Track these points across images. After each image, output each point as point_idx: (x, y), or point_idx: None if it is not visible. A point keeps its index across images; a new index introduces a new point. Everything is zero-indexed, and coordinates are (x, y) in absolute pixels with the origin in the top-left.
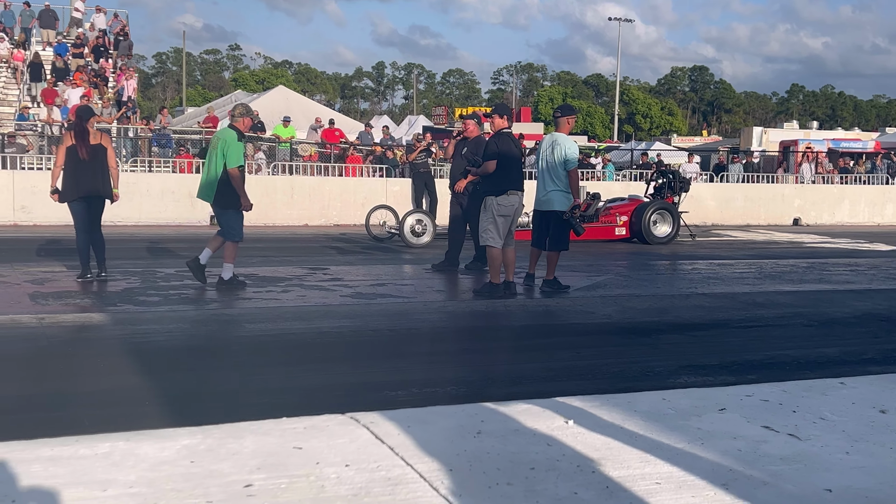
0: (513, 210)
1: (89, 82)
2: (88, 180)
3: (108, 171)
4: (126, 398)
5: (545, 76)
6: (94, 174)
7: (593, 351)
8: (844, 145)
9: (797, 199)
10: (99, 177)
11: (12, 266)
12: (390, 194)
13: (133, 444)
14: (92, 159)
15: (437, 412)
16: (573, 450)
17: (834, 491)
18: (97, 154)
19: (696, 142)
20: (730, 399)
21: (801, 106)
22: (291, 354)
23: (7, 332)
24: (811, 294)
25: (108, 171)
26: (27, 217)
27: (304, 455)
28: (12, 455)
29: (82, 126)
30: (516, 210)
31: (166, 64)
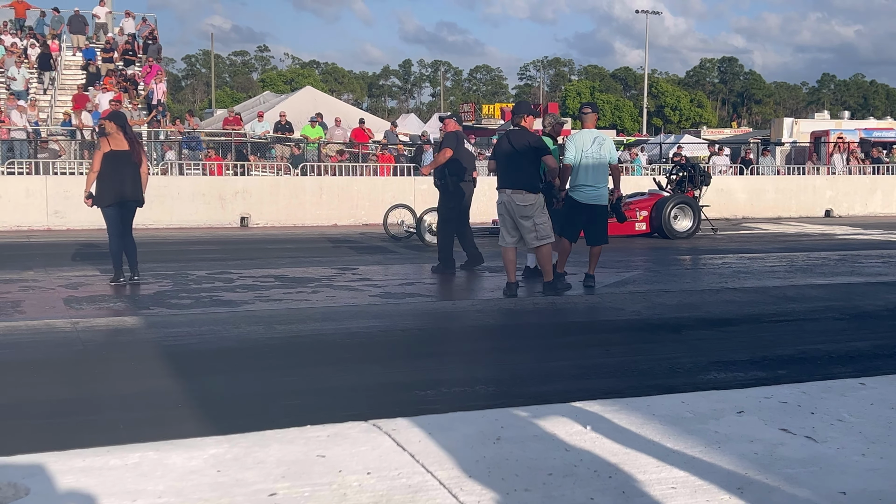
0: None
1: (119, 86)
2: (121, 185)
3: (140, 176)
4: (159, 402)
5: (572, 70)
6: (127, 179)
7: (622, 348)
8: (877, 135)
9: (829, 190)
10: (130, 182)
11: (46, 270)
12: (418, 193)
13: (162, 454)
14: (123, 164)
15: (458, 418)
16: (591, 455)
17: (848, 494)
18: (128, 159)
19: (726, 134)
20: (748, 401)
21: (833, 95)
22: (322, 355)
23: (42, 336)
24: (843, 287)
25: (139, 176)
26: (61, 222)
27: (328, 463)
28: (46, 466)
29: (125, 131)
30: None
31: (195, 66)
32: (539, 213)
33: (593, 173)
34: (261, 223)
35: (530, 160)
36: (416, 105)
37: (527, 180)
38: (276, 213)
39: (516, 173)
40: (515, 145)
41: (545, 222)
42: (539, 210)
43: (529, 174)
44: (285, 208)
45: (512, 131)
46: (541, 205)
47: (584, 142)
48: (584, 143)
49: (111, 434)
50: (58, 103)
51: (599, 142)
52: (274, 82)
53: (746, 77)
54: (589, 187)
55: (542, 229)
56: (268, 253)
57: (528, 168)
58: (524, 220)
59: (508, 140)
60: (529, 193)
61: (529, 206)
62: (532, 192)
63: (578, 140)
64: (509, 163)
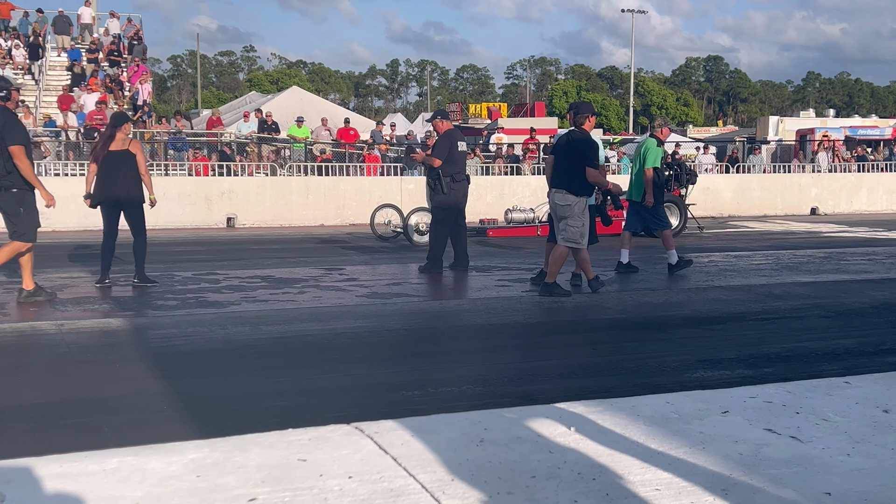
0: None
1: (104, 87)
2: (113, 185)
3: (139, 176)
4: (145, 404)
5: (559, 70)
6: (119, 179)
7: (609, 347)
8: (861, 133)
9: (814, 188)
10: (123, 182)
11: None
12: (405, 193)
13: (141, 459)
14: (118, 165)
15: (441, 420)
16: (575, 457)
17: (833, 494)
18: (123, 160)
19: (712, 132)
20: (733, 401)
21: (818, 94)
22: (308, 356)
23: (27, 339)
24: (829, 285)
25: (137, 176)
26: (46, 223)
27: (309, 467)
28: (23, 472)
29: (112, 131)
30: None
31: (181, 66)
32: (575, 216)
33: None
34: (247, 224)
35: (579, 164)
36: (403, 105)
37: (571, 181)
38: (263, 214)
39: (563, 174)
40: (570, 147)
41: (577, 227)
42: (577, 213)
43: (576, 176)
44: (272, 209)
45: (571, 132)
46: (580, 209)
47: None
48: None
49: (95, 437)
50: (43, 104)
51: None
52: (260, 82)
53: (732, 76)
54: None
55: (570, 231)
56: (254, 253)
57: (576, 170)
58: (561, 219)
59: (567, 140)
60: (570, 194)
61: (567, 206)
62: (573, 194)
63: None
64: (560, 163)
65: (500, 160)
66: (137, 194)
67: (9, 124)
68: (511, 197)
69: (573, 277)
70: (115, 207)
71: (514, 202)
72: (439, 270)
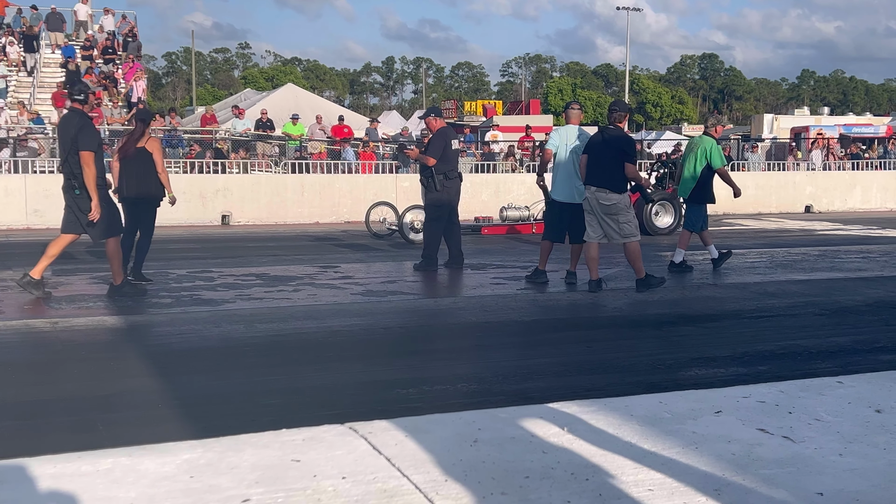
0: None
1: (99, 84)
2: (132, 182)
3: (156, 174)
4: (139, 402)
5: (554, 67)
6: (137, 176)
7: (605, 345)
8: (856, 130)
9: (809, 186)
10: (137, 179)
11: (25, 270)
12: (400, 190)
13: (135, 459)
14: (136, 162)
15: (435, 420)
16: (568, 457)
17: (825, 495)
18: (142, 157)
19: None
20: (727, 401)
21: (813, 91)
22: (303, 354)
23: (21, 336)
24: (823, 283)
25: (154, 174)
26: (40, 221)
27: (303, 468)
28: (16, 472)
29: (138, 128)
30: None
31: (176, 63)
32: (624, 212)
33: (576, 171)
34: (242, 221)
35: (618, 160)
36: (399, 102)
37: (612, 180)
38: (258, 211)
39: (602, 172)
40: (607, 144)
41: (629, 220)
42: (624, 209)
43: (615, 174)
44: (267, 206)
45: (606, 129)
46: (625, 204)
47: (570, 137)
48: (569, 138)
49: (90, 436)
50: (37, 101)
51: (583, 140)
52: (255, 79)
53: (727, 73)
54: (572, 186)
55: (625, 228)
56: (249, 251)
57: (615, 168)
58: (609, 217)
59: (602, 137)
60: (613, 193)
61: (613, 205)
62: (616, 192)
63: (564, 133)
64: (598, 161)
65: (510, 158)
66: (152, 192)
67: (84, 129)
68: (506, 195)
69: (568, 275)
70: (133, 204)
71: (509, 200)
72: (434, 268)
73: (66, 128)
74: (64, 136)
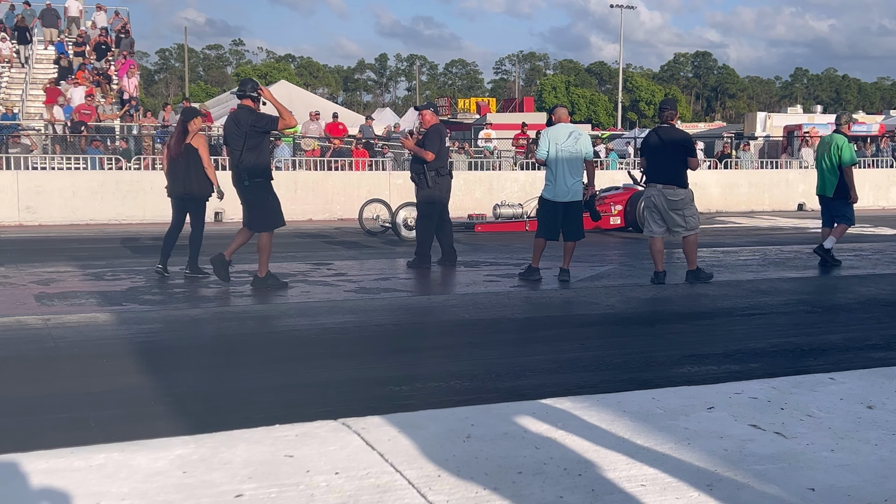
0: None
1: (91, 80)
2: (179, 179)
3: (203, 170)
4: (131, 399)
5: (547, 65)
6: (183, 173)
7: (597, 342)
8: None
9: (801, 183)
10: (184, 176)
11: (17, 267)
12: (394, 188)
13: (127, 455)
14: (184, 159)
15: (428, 416)
16: (561, 453)
17: (817, 490)
18: (188, 154)
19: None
20: (719, 397)
21: (806, 90)
22: (296, 351)
23: (13, 333)
24: (815, 280)
25: (201, 170)
26: (32, 217)
27: (295, 463)
28: (8, 468)
29: (182, 126)
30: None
31: (169, 60)
32: (689, 205)
33: (568, 168)
34: (235, 218)
35: (679, 156)
36: (392, 99)
37: (676, 176)
38: None
39: (665, 169)
40: (665, 141)
41: (694, 214)
42: (689, 203)
43: (678, 169)
44: None
45: (661, 127)
46: (690, 199)
47: (559, 136)
48: (558, 137)
49: (82, 432)
50: (29, 97)
51: (575, 136)
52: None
53: (720, 71)
54: (563, 184)
55: (691, 221)
56: (242, 248)
57: (678, 163)
58: (675, 212)
59: (658, 136)
60: (679, 188)
61: (680, 200)
62: (682, 187)
63: (553, 134)
64: (659, 158)
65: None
66: (198, 189)
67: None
68: (499, 192)
69: (561, 273)
70: (181, 201)
71: (502, 197)
72: (427, 265)
73: (238, 124)
74: (236, 131)
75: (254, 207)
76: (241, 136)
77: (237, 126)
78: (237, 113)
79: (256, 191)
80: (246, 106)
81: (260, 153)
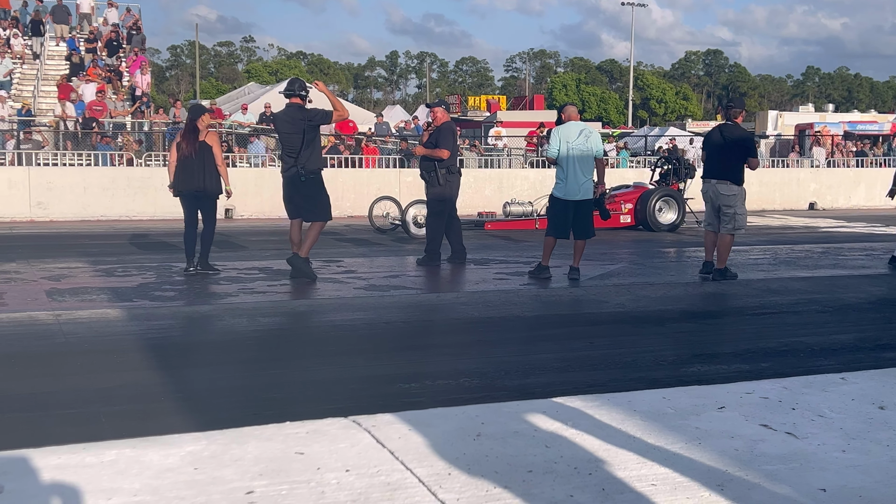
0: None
1: (103, 77)
2: (192, 176)
3: (216, 168)
4: (142, 395)
5: (558, 63)
6: (197, 171)
7: (606, 340)
8: (861, 128)
9: (812, 183)
10: (201, 174)
11: (29, 262)
12: (404, 185)
13: (139, 451)
14: (197, 157)
15: (438, 414)
16: (571, 452)
17: (828, 490)
18: (202, 152)
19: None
20: (730, 397)
21: (817, 88)
22: (305, 348)
23: (24, 329)
24: (826, 280)
25: (214, 168)
26: (43, 213)
27: (306, 460)
28: (21, 464)
29: (192, 124)
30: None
31: (180, 57)
32: (740, 203)
33: (579, 167)
34: (245, 215)
35: (738, 154)
36: (402, 96)
37: (732, 172)
38: (261, 205)
39: (723, 165)
40: (726, 139)
41: (743, 213)
42: (741, 201)
43: (735, 167)
44: (270, 200)
45: (724, 125)
46: (743, 196)
47: (570, 134)
48: (569, 135)
49: (92, 428)
50: (41, 94)
51: (586, 134)
52: (259, 73)
53: (731, 70)
54: (574, 182)
55: (739, 219)
56: (253, 245)
57: (735, 161)
58: (726, 208)
59: (720, 133)
60: (733, 185)
61: (732, 196)
62: (736, 184)
63: (564, 132)
64: (718, 154)
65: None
66: (213, 186)
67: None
68: (510, 190)
69: (571, 271)
70: (193, 198)
71: (512, 195)
72: (437, 263)
73: (293, 122)
74: (293, 129)
75: (309, 200)
76: (300, 132)
77: (292, 124)
78: (289, 111)
79: (311, 185)
80: (296, 104)
81: (315, 149)
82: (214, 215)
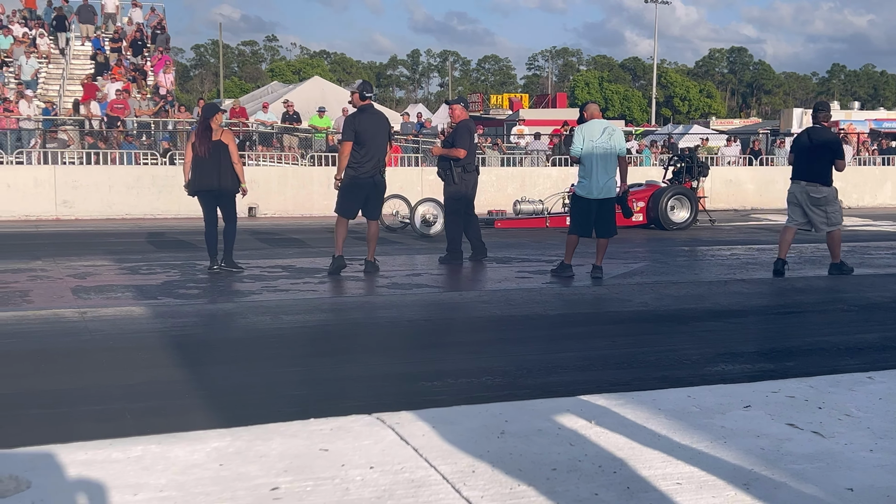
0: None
1: (127, 76)
2: (208, 175)
3: (232, 166)
4: (166, 392)
5: (581, 60)
6: (213, 170)
7: (629, 339)
8: (887, 125)
9: (838, 181)
10: (217, 172)
11: (55, 260)
12: (426, 183)
13: (165, 447)
14: (212, 155)
15: (462, 412)
16: (596, 450)
17: (855, 490)
18: (218, 150)
19: (736, 124)
20: (755, 396)
21: (843, 86)
22: (328, 346)
23: (50, 326)
24: (851, 278)
25: (230, 166)
26: (69, 211)
27: (330, 457)
28: (48, 459)
29: (205, 123)
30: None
31: (204, 56)
32: (832, 203)
33: (603, 165)
34: (269, 213)
35: (827, 156)
36: (424, 95)
37: (822, 174)
38: (284, 204)
39: (813, 167)
40: (814, 141)
41: (837, 211)
42: (832, 200)
43: (824, 169)
44: (293, 198)
45: (813, 128)
46: (833, 196)
47: (593, 132)
48: (592, 134)
49: (117, 424)
50: (66, 93)
51: (609, 132)
52: (283, 72)
53: (756, 67)
54: (598, 181)
55: (833, 217)
56: (275, 243)
57: (824, 163)
58: (818, 208)
59: (808, 136)
60: (823, 186)
61: (823, 197)
62: (825, 186)
63: (587, 130)
64: (806, 157)
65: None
66: (230, 184)
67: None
68: (532, 188)
69: (594, 270)
70: (210, 196)
71: (535, 193)
72: (459, 261)
73: (380, 123)
74: (381, 129)
75: (381, 200)
76: (386, 133)
77: (379, 127)
78: (378, 113)
79: (383, 184)
80: (374, 108)
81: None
82: (234, 213)
